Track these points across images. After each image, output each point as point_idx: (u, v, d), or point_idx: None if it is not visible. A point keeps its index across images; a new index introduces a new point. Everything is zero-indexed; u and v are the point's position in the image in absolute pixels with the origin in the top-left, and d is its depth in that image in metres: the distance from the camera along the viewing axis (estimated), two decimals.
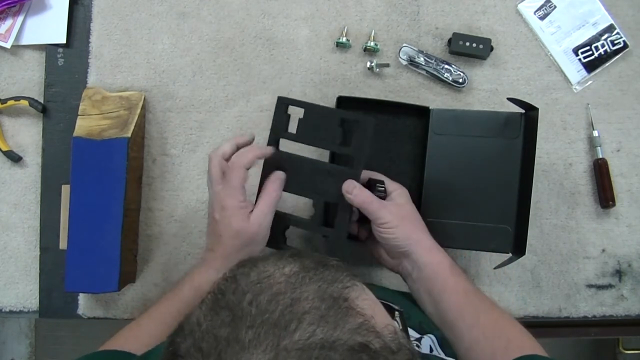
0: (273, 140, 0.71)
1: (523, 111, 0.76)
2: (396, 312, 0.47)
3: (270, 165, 0.70)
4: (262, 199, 0.67)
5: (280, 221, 0.71)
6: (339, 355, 0.32)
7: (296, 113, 0.70)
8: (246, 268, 0.38)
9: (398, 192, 0.71)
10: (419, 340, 0.65)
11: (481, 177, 0.78)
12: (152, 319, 0.67)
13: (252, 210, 0.66)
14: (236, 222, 0.65)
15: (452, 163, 0.79)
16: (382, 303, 0.45)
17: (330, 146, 0.71)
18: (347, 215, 0.69)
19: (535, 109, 0.73)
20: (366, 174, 0.72)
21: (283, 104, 0.70)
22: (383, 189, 0.71)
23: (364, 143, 0.68)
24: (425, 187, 0.79)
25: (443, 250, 0.69)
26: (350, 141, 0.68)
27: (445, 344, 0.67)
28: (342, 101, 0.80)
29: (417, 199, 0.79)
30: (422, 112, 0.80)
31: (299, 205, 0.82)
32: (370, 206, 0.67)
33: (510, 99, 0.76)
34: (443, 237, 0.78)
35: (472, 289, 0.67)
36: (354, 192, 0.67)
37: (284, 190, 0.69)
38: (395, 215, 0.68)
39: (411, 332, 0.66)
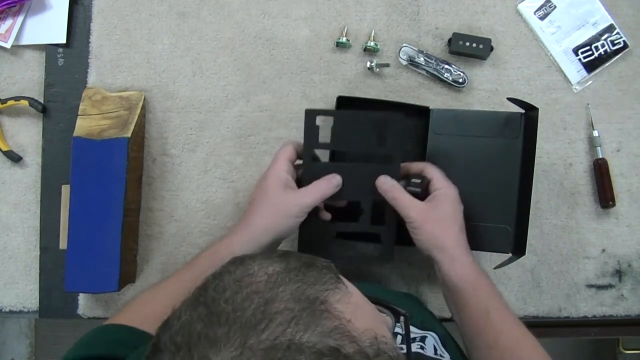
0: (308, 154, 0.71)
1: (523, 111, 0.76)
2: (401, 317, 0.46)
3: (308, 180, 0.69)
4: (309, 187, 0.67)
5: (328, 229, 0.72)
6: (305, 357, 0.31)
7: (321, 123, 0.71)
8: (233, 265, 0.38)
9: (441, 192, 0.68)
10: (422, 340, 0.65)
11: (481, 177, 0.78)
12: (163, 291, 0.66)
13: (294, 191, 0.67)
14: (273, 189, 0.66)
15: (452, 163, 0.79)
16: (388, 307, 0.44)
17: (366, 149, 0.71)
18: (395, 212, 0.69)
19: (535, 109, 0.73)
20: (411, 167, 0.72)
21: (311, 116, 0.71)
22: (418, 182, 0.70)
23: (398, 139, 0.70)
24: None
25: (471, 262, 0.66)
26: (383, 140, 0.70)
27: (447, 341, 0.66)
28: (342, 101, 0.80)
29: None
30: (422, 112, 0.80)
31: None
32: (398, 202, 0.67)
33: (510, 99, 0.76)
34: None
35: (495, 307, 0.64)
36: (384, 187, 0.68)
37: (332, 198, 0.69)
38: (421, 215, 0.66)
39: (414, 330, 0.66)
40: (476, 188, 0.78)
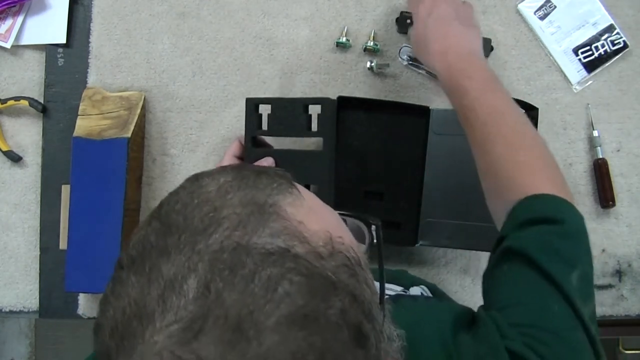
0: (250, 140, 0.76)
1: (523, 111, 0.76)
2: (373, 226, 0.46)
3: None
4: None
5: None
6: (251, 258, 0.31)
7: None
8: (188, 182, 0.37)
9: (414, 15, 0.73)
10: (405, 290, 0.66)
11: None
12: None
13: None
14: None
15: (452, 163, 0.79)
16: (357, 217, 0.44)
17: (298, 133, 0.75)
18: (330, 192, 0.73)
19: (535, 109, 0.73)
20: None
21: (252, 103, 0.76)
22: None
23: (330, 123, 0.73)
24: (425, 187, 0.79)
25: (451, 62, 0.66)
26: (315, 124, 0.74)
27: (436, 291, 0.66)
28: (342, 102, 0.80)
29: (417, 199, 0.79)
30: (422, 112, 0.80)
31: None
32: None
33: None
34: (443, 237, 0.78)
35: (481, 105, 0.63)
36: None
37: None
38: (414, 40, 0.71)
39: (398, 288, 0.66)
40: (476, 188, 0.78)
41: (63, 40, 0.85)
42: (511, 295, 0.51)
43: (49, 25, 0.85)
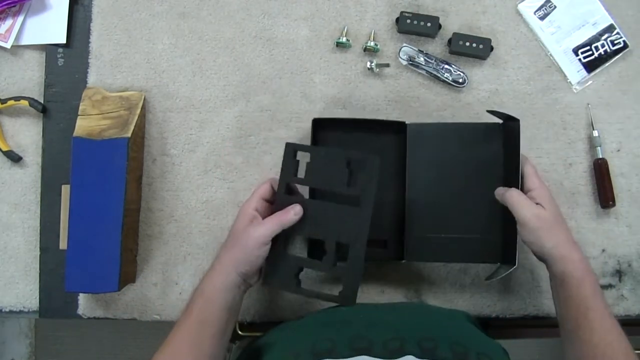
0: (282, 186, 0.73)
1: (501, 121, 0.76)
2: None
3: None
4: (267, 219, 0.70)
5: (293, 263, 0.73)
6: None
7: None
8: None
9: (537, 193, 0.70)
10: None
11: (464, 190, 0.78)
12: (173, 348, 0.66)
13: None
14: (238, 225, 0.70)
15: (433, 177, 0.78)
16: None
17: (337, 187, 0.71)
18: (360, 255, 0.70)
19: (516, 120, 0.73)
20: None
21: (291, 150, 0.73)
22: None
23: (370, 182, 0.69)
24: (407, 204, 0.79)
25: (580, 259, 0.67)
26: (356, 181, 0.70)
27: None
28: (318, 123, 0.79)
29: (401, 216, 0.79)
30: (398, 128, 0.80)
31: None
32: (514, 201, 0.69)
33: (489, 111, 0.76)
34: (430, 252, 0.78)
35: (596, 305, 0.65)
36: (501, 191, 0.72)
37: (297, 233, 0.73)
38: (534, 217, 0.68)
39: None
40: (460, 201, 0.78)
41: (63, 40, 0.85)
42: None
43: (49, 25, 0.85)
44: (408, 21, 0.82)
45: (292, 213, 0.70)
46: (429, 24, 0.83)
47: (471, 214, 0.77)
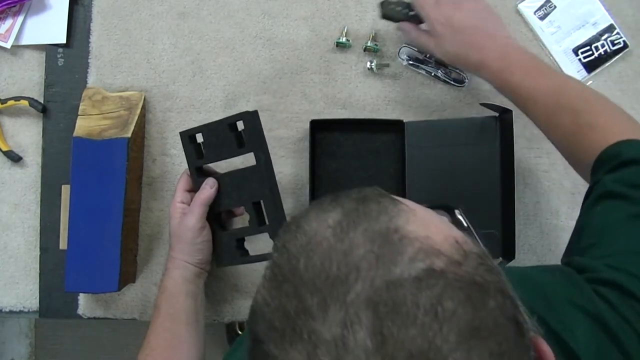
0: (194, 171, 0.75)
1: (497, 114, 0.76)
2: (456, 211, 0.45)
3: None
4: (193, 201, 0.73)
5: (231, 237, 0.74)
6: (406, 290, 0.30)
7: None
8: (291, 233, 0.36)
9: (430, 21, 0.72)
10: None
11: (463, 185, 0.78)
12: (151, 347, 0.70)
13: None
14: (173, 222, 0.74)
15: (432, 174, 0.79)
16: (437, 207, 0.42)
17: (232, 153, 0.72)
18: (277, 205, 0.71)
19: (509, 112, 0.73)
20: None
21: (186, 136, 0.75)
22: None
23: (258, 135, 0.71)
24: None
25: (491, 60, 0.68)
26: (246, 142, 0.71)
27: None
28: (316, 124, 0.79)
29: None
30: (396, 127, 0.80)
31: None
32: (419, 41, 0.73)
33: (482, 104, 0.76)
34: None
35: (528, 85, 0.65)
36: (404, 27, 0.76)
37: (216, 209, 0.74)
38: (435, 46, 0.71)
39: None
40: (459, 196, 0.78)
41: (63, 40, 0.85)
42: (601, 231, 0.52)
43: (49, 25, 0.85)
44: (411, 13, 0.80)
45: (208, 187, 0.72)
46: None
47: (471, 208, 0.77)
